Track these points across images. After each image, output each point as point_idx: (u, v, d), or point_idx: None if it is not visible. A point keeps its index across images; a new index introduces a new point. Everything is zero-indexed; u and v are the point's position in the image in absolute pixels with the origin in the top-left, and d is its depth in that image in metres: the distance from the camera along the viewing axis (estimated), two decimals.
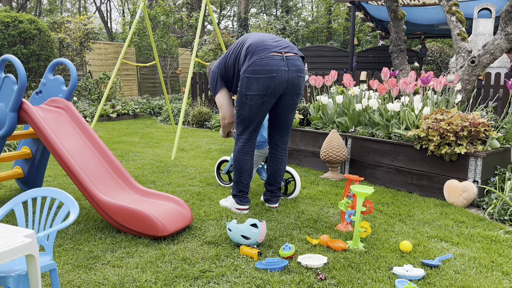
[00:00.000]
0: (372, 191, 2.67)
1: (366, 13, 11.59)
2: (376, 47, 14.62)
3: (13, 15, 8.76)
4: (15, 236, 1.55)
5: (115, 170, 3.26)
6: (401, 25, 6.08)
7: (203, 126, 8.95)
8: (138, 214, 2.77)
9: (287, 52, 3.09)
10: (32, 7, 25.64)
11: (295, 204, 3.56)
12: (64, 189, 3.96)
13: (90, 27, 10.35)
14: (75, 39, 10.18)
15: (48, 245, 1.83)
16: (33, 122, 3.06)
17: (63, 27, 10.31)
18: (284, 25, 20.68)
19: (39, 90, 3.60)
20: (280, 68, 3.03)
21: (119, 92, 11.77)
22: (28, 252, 1.51)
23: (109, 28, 24.62)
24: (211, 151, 6.09)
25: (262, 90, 3.04)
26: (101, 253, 2.57)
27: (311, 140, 4.90)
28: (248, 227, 2.65)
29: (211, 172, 4.71)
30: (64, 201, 1.92)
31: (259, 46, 3.07)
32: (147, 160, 5.34)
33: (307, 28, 23.67)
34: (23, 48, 8.65)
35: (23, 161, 3.72)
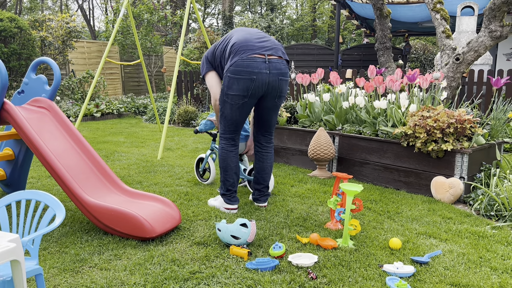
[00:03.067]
0: (361, 189, 2.67)
1: (351, 11, 11.64)
2: (360, 45, 14.72)
3: None
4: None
5: (100, 171, 3.20)
6: (387, 23, 6.12)
7: (189, 125, 8.88)
8: (125, 216, 2.72)
9: (270, 55, 3.12)
10: (12, 5, 25.11)
11: (283, 202, 3.55)
12: (48, 191, 3.87)
13: (72, 26, 10.17)
14: (57, 37, 9.99)
15: (33, 249, 1.78)
16: (16, 122, 2.98)
17: (45, 25, 10.11)
18: (269, 23, 20.67)
19: (21, 90, 3.51)
20: (261, 70, 3.07)
21: (103, 91, 11.60)
22: (13, 257, 1.46)
23: (91, 26, 24.27)
24: (198, 150, 6.04)
25: (242, 91, 3.09)
26: (88, 256, 2.52)
27: (299, 138, 4.90)
28: (238, 227, 2.63)
29: None
30: (49, 203, 1.87)
31: (242, 46, 3.10)
32: (133, 160, 5.27)
33: (292, 26, 23.71)
34: (3, 47, 8.45)
35: (5, 163, 3.62)
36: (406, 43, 13.53)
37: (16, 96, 3.51)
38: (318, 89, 5.36)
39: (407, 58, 13.18)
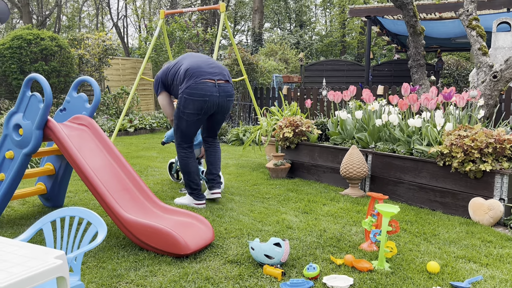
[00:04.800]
0: (398, 210, 2.62)
1: (381, 27, 11.58)
2: (391, 60, 14.57)
3: (35, 33, 8.98)
4: (46, 258, 1.54)
5: (136, 187, 3.27)
6: (420, 40, 6.05)
7: (219, 140, 8.98)
8: (161, 232, 2.76)
9: (219, 80, 3.72)
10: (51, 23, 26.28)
11: (316, 221, 3.52)
12: (85, 205, 3.98)
13: (108, 43, 10.53)
14: (94, 55, 10.37)
15: (76, 265, 1.83)
16: (58, 139, 3.10)
17: (83, 43, 10.52)
18: (298, 39, 20.81)
19: (63, 108, 3.66)
20: (213, 93, 3.66)
21: (136, 107, 11.91)
22: (60, 274, 1.50)
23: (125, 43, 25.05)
24: (228, 166, 6.09)
25: (197, 110, 3.66)
26: (124, 272, 2.56)
27: (330, 155, 4.87)
28: (271, 246, 2.62)
29: (229, 188, 4.70)
30: (92, 221, 1.92)
31: (195, 72, 3.64)
32: (165, 175, 5.35)
33: (321, 42, 23.76)
34: (44, 64, 8.83)
35: (46, 177, 3.76)
36: (439, 59, 13.31)
37: (59, 113, 3.66)
38: (349, 106, 5.33)
39: (439, 74, 12.95)
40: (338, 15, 25.44)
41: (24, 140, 3.13)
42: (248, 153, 7.16)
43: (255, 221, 3.51)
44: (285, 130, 5.17)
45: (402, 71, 13.22)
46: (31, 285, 1.42)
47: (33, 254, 1.58)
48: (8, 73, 8.57)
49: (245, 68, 9.73)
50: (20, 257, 1.54)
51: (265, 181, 5.01)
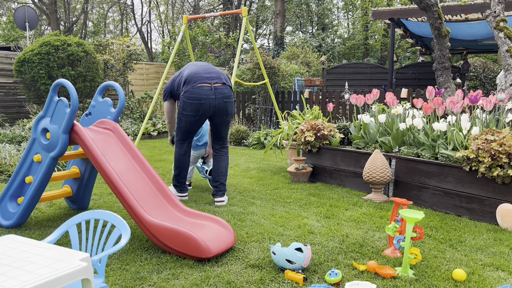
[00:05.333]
0: (422, 216, 2.57)
1: (405, 30, 11.41)
2: (415, 63, 14.34)
3: (62, 39, 9.21)
4: (72, 260, 1.58)
5: (160, 190, 3.31)
6: (445, 43, 5.94)
7: (240, 144, 9.00)
8: (183, 235, 2.78)
9: (215, 83, 4.03)
10: (78, 29, 26.96)
11: (338, 227, 3.49)
12: (110, 208, 4.05)
13: (132, 48, 10.72)
14: (118, 60, 10.57)
15: (100, 267, 1.86)
16: (83, 143, 3.17)
17: (108, 49, 10.74)
18: (320, 42, 20.72)
19: (88, 112, 3.74)
20: (209, 96, 3.97)
21: (160, 111, 12.07)
22: (85, 276, 1.53)
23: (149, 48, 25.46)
24: (250, 169, 6.09)
25: (194, 112, 3.99)
26: (147, 274, 2.59)
27: (353, 160, 4.81)
28: (293, 251, 2.61)
29: (251, 191, 4.71)
30: (116, 224, 1.95)
31: (193, 77, 4.01)
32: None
33: (343, 45, 23.58)
34: (71, 69, 9.05)
35: (72, 180, 3.85)
36: (465, 61, 13.02)
37: (84, 118, 3.74)
38: (372, 110, 5.27)
39: (465, 77, 12.66)
40: (360, 18, 25.22)
41: (51, 144, 3.21)
42: (269, 156, 7.15)
43: (276, 226, 3.50)
44: (307, 134, 5.15)
45: (426, 74, 13.00)
46: (57, 286, 1.45)
47: (59, 256, 1.61)
48: (37, 78, 8.82)
49: (267, 72, 9.74)
50: (47, 259, 1.58)
51: (286, 185, 4.99)
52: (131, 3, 27.37)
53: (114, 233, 1.98)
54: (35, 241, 1.75)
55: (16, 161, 5.48)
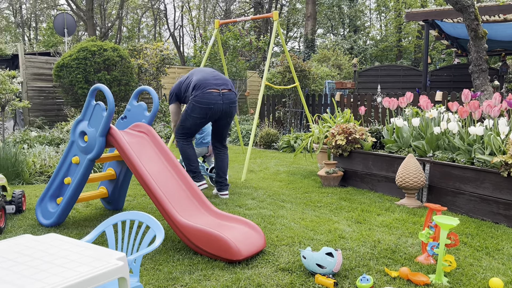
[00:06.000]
0: (457, 222, 2.51)
1: (440, 31, 11.13)
2: (451, 65, 13.96)
3: (98, 44, 9.52)
4: (109, 259, 1.64)
5: (192, 192, 3.37)
6: (482, 44, 5.76)
7: (270, 147, 9.02)
8: (214, 237, 2.83)
9: (223, 89, 4.37)
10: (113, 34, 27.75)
11: (370, 232, 3.44)
12: (143, 209, 4.15)
13: (165, 53, 10.95)
14: (152, 64, 10.81)
15: (135, 267, 1.92)
16: (119, 145, 3.27)
17: (142, 53, 11.01)
18: (352, 45, 20.49)
19: (124, 116, 3.85)
20: (217, 101, 4.31)
21: None
22: (121, 275, 1.59)
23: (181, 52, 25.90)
24: (280, 173, 6.10)
25: (202, 115, 4.33)
26: (179, 275, 2.65)
27: (385, 164, 4.74)
28: (324, 256, 2.60)
29: (280, 195, 4.72)
30: (151, 225, 2.01)
31: (203, 83, 4.33)
32: None
33: (375, 47, 23.23)
34: (106, 74, 9.34)
35: (108, 182, 3.97)
36: (503, 63, 12.56)
37: (120, 121, 3.86)
38: (406, 113, 5.17)
39: (504, 79, 12.22)
40: (393, 19, 24.79)
41: (89, 146, 3.33)
42: (299, 160, 7.14)
43: (306, 230, 3.49)
44: (338, 138, 5.11)
45: (462, 76, 12.63)
46: (95, 284, 1.51)
47: (97, 255, 1.68)
48: (74, 83, 9.15)
49: (297, 75, 9.73)
50: (86, 257, 1.64)
51: (316, 189, 4.97)
52: (164, 8, 27.96)
53: (148, 234, 2.04)
54: (75, 240, 1.83)
55: (55, 163, 5.70)
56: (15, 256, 1.64)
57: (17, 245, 1.76)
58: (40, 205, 3.61)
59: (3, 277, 1.45)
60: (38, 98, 10.22)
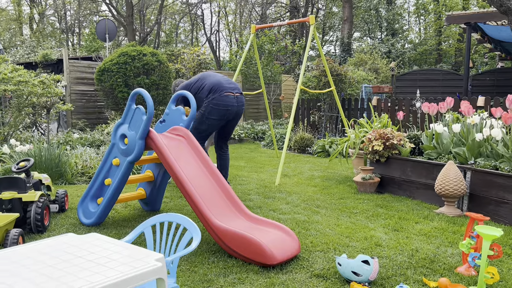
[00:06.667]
0: (501, 233, 2.41)
1: (483, 34, 10.75)
2: (494, 69, 13.45)
3: (138, 49, 9.80)
4: (148, 259, 1.68)
5: (227, 196, 3.40)
6: None
7: (304, 152, 8.97)
8: (249, 241, 2.84)
9: (236, 93, 4.74)
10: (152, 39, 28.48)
11: (407, 240, 3.36)
12: (179, 211, 4.23)
13: (202, 58, 11.13)
14: (189, 69, 11.02)
15: (172, 268, 1.96)
16: (158, 148, 3.35)
17: (179, 58, 11.24)
18: (389, 48, 20.11)
19: (162, 119, 3.95)
20: (233, 104, 4.68)
21: None
22: (159, 275, 1.63)
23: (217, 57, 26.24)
24: (314, 177, 6.06)
25: (220, 117, 4.66)
26: (214, 277, 2.68)
27: (424, 171, 4.62)
28: (359, 263, 2.56)
29: (315, 200, 4.68)
30: (188, 227, 2.05)
31: (219, 87, 4.64)
32: (252, 185, 5.49)
33: (414, 51, 22.69)
34: (145, 78, 9.59)
35: (146, 183, 4.07)
36: None
37: (158, 124, 3.96)
38: (446, 119, 5.03)
39: None
40: (433, 22, 24.15)
41: (129, 148, 3.43)
42: (334, 165, 7.06)
43: (342, 236, 3.45)
44: (375, 143, 5.02)
45: (506, 81, 12.14)
46: (135, 284, 1.55)
47: (137, 255, 1.72)
48: (115, 86, 9.45)
49: (333, 79, 9.64)
50: (126, 257, 1.70)
51: (352, 195, 4.90)
52: (201, 14, 28.43)
53: (185, 236, 2.07)
54: (115, 240, 1.88)
55: (96, 164, 5.90)
56: (60, 254, 1.71)
57: (62, 243, 1.84)
58: (82, 204, 3.75)
59: (48, 274, 1.52)
60: (80, 101, 10.62)
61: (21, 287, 1.41)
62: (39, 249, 1.77)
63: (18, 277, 1.49)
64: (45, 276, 1.50)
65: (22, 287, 1.41)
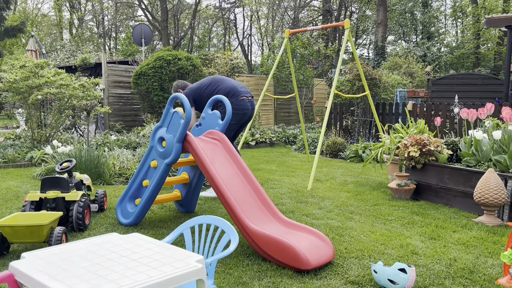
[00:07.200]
0: None
1: None
2: None
3: (173, 54, 10.02)
4: (189, 260, 1.73)
5: (261, 199, 3.43)
6: None
7: (337, 156, 8.89)
8: (284, 245, 2.85)
9: (249, 96, 4.92)
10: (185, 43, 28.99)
11: (444, 249, 3.28)
12: (213, 213, 4.29)
13: (235, 62, 11.25)
14: (222, 73, 11.15)
15: (210, 270, 2.00)
16: (194, 151, 3.42)
17: (213, 62, 11.40)
18: (425, 52, 19.67)
19: (199, 123, 4.03)
20: (248, 108, 4.88)
21: (258, 121, 12.46)
22: (200, 277, 1.67)
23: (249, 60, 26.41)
24: (347, 183, 6.00)
25: (238, 121, 4.84)
26: (249, 280, 2.71)
27: (462, 178, 4.50)
28: (396, 272, 2.53)
29: (348, 206, 4.64)
30: (226, 230, 2.09)
31: (235, 91, 4.80)
32: (284, 189, 5.50)
33: (451, 54, 22.10)
34: None
35: (182, 186, 4.16)
36: None
37: (195, 128, 4.04)
38: (485, 125, 4.88)
39: None
40: (471, 25, 23.45)
41: (166, 151, 3.52)
42: (367, 171, 6.97)
43: (376, 243, 3.41)
44: (411, 149, 4.93)
45: None
46: (177, 284, 1.60)
47: (178, 256, 1.77)
48: (151, 90, 9.69)
49: (367, 83, 9.52)
50: (167, 257, 1.75)
51: (386, 202, 4.83)
52: (234, 18, 28.71)
53: (223, 238, 2.11)
54: (156, 240, 1.94)
55: (132, 165, 6.07)
56: (105, 253, 1.78)
57: (107, 242, 1.92)
58: (120, 205, 3.87)
59: (95, 272, 1.59)
60: (117, 104, 10.94)
61: (72, 283, 1.48)
62: (86, 246, 1.85)
63: (69, 273, 1.56)
64: (92, 274, 1.57)
65: (73, 283, 1.48)
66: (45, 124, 8.25)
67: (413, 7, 22.06)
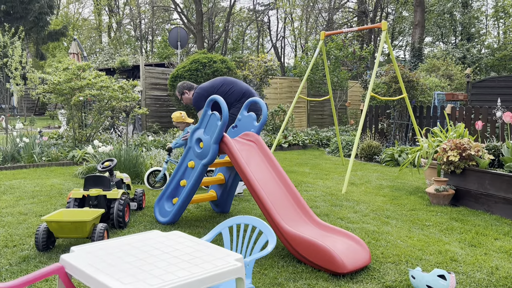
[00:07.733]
0: None
1: None
2: None
3: (209, 56, 10.17)
4: (228, 259, 1.76)
5: (296, 201, 3.44)
6: None
7: (372, 160, 8.76)
8: (319, 248, 2.85)
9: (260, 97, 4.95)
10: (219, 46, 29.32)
11: (486, 257, 3.19)
12: (247, 213, 4.33)
13: (269, 64, 11.29)
14: (256, 75, 11.22)
15: (248, 269, 2.03)
16: (231, 152, 3.47)
17: (247, 65, 11.49)
18: (465, 54, 19.08)
19: (235, 125, 4.08)
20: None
21: (291, 124, 12.44)
22: (239, 275, 1.70)
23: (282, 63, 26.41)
24: (382, 187, 5.90)
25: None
26: (284, 281, 2.72)
27: (504, 184, 4.34)
28: (435, 278, 2.48)
29: (384, 210, 4.57)
30: (263, 230, 2.12)
31: (250, 92, 4.90)
32: (318, 192, 5.47)
33: (492, 56, 21.32)
34: None
35: (217, 186, 4.22)
36: None
37: (231, 130, 4.10)
38: None
39: None
40: None
41: (204, 152, 3.59)
42: (404, 175, 6.83)
43: (414, 249, 3.35)
44: (450, 153, 4.81)
45: None
46: (217, 282, 1.64)
47: (217, 254, 1.82)
48: None
49: (404, 86, 9.34)
50: (208, 255, 1.79)
51: (424, 207, 4.72)
52: (268, 20, 28.82)
53: (260, 239, 2.14)
54: (196, 238, 1.99)
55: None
56: (148, 249, 1.85)
57: (149, 239, 1.98)
58: (158, 204, 3.97)
59: (140, 267, 1.65)
60: (154, 106, 11.20)
61: (119, 277, 1.54)
62: (130, 243, 1.92)
63: (115, 267, 1.63)
64: (137, 269, 1.63)
65: (120, 277, 1.55)
66: (86, 124, 8.56)
67: (453, 7, 21.45)
